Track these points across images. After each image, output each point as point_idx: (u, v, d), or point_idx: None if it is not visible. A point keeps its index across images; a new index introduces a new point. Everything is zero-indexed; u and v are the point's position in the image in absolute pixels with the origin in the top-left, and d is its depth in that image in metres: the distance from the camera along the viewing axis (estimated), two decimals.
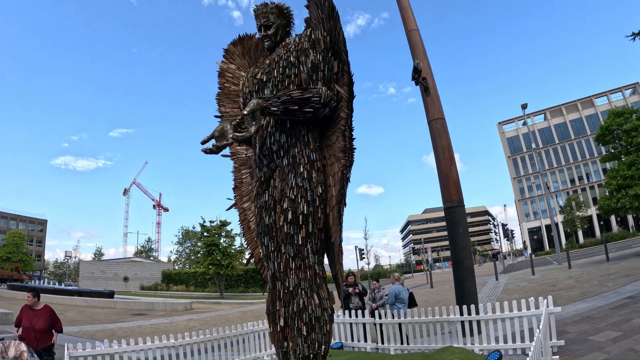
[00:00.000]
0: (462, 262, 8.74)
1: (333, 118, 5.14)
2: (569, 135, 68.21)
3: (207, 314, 18.60)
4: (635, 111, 19.96)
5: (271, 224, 4.94)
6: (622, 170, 18.73)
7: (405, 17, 10.66)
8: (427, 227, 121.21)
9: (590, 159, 65.77)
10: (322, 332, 4.72)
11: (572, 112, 68.82)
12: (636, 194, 17.72)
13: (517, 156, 71.87)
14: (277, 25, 5.49)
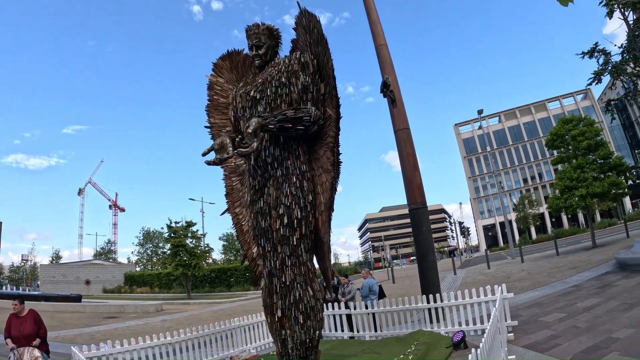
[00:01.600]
0: (426, 258, 9.59)
1: (320, 134, 5.89)
2: (522, 137, 71.45)
3: (180, 315, 18.77)
4: (582, 119, 21.71)
5: (267, 227, 5.56)
6: (570, 172, 20.42)
7: (374, 32, 11.29)
8: (385, 225, 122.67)
9: (542, 160, 69.28)
10: (316, 319, 5.48)
11: (526, 115, 72.21)
12: (582, 195, 19.40)
13: (473, 157, 74.40)
14: (267, 46, 6.08)
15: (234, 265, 34.59)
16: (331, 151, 5.68)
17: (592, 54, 14.33)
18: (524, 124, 71.87)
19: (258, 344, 8.82)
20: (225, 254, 45.03)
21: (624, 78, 13.72)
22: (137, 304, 22.19)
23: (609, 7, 12.98)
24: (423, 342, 6.60)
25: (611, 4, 12.92)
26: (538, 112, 71.32)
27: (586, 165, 20.18)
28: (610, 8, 13.00)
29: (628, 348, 4.94)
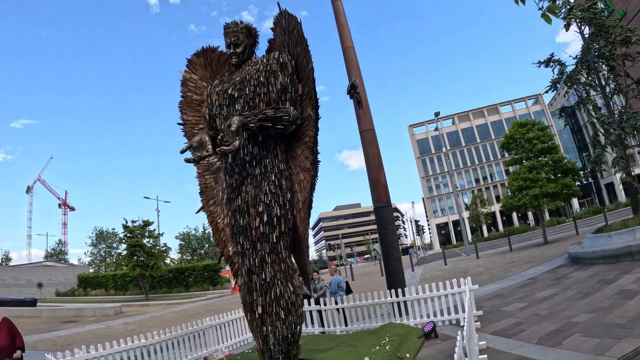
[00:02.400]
0: (392, 254, 9.85)
1: (298, 134, 6.00)
2: (474, 139, 74.12)
3: (141, 317, 18.27)
4: (536, 123, 23.06)
5: (245, 225, 5.62)
6: (524, 173, 21.53)
7: (342, 34, 11.47)
8: (339, 223, 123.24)
9: (494, 161, 72.14)
10: (297, 314, 5.60)
11: (479, 118, 74.95)
12: (535, 194, 20.51)
13: (426, 157, 76.29)
14: (245, 45, 6.15)
15: (192, 265, 33.97)
16: (310, 150, 5.79)
17: (548, 64, 15.23)
18: (477, 127, 74.47)
19: (231, 343, 8.80)
20: (182, 253, 44.05)
21: (577, 87, 14.61)
22: (96, 307, 21.44)
23: (567, 20, 13.86)
24: (396, 333, 6.84)
25: (569, 18, 13.79)
26: (491, 115, 74.18)
27: (540, 167, 21.29)
28: (568, 21, 13.89)
29: (588, 330, 5.37)
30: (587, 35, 14.23)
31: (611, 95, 13.91)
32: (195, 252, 42.44)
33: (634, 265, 9.10)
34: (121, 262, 31.99)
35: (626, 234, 10.93)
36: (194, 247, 42.74)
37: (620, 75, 13.59)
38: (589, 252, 11.12)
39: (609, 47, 13.37)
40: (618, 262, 10.03)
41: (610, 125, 13.01)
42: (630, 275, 8.21)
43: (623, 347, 4.46)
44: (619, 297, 6.73)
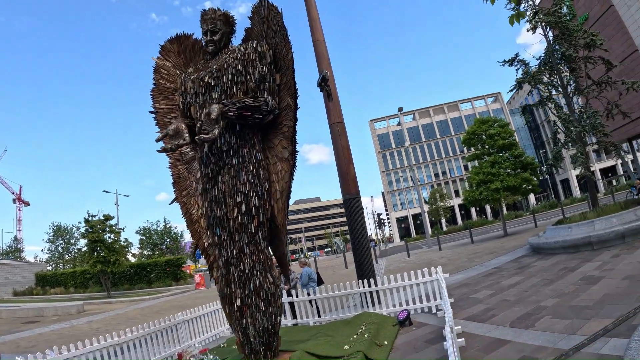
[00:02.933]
0: (361, 245, 9.92)
1: (275, 124, 5.95)
2: (434, 135, 75.67)
3: (105, 315, 17.65)
4: (497, 120, 23.89)
5: (223, 216, 5.54)
6: (486, 167, 22.26)
7: (313, 27, 11.41)
8: (298, 217, 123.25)
9: (453, 157, 73.91)
10: (277, 305, 5.56)
11: (439, 114, 76.57)
12: (496, 187, 21.25)
13: (387, 152, 77.07)
14: (222, 32, 6.06)
15: (154, 260, 33.03)
16: (288, 140, 5.76)
17: (512, 63, 15.83)
18: (437, 123, 76.05)
19: (204, 337, 8.65)
20: (142, 248, 42.83)
21: (539, 86, 15.20)
22: (57, 305, 20.48)
23: (532, 23, 14.41)
24: (371, 322, 6.90)
25: (535, 21, 14.33)
26: (451, 112, 75.99)
27: (501, 162, 22.03)
28: (534, 24, 14.41)
29: (557, 312, 5.63)
30: (552, 37, 14.84)
31: (572, 95, 14.54)
32: (156, 247, 41.33)
33: (593, 254, 9.58)
34: (82, 258, 30.66)
35: (585, 225, 11.47)
36: (155, 242, 41.62)
37: (581, 77, 14.26)
38: (551, 243, 11.62)
39: (572, 50, 13.97)
40: (578, 251, 10.52)
41: (571, 123, 13.61)
42: (592, 263, 8.63)
43: (593, 327, 4.70)
44: (583, 282, 7.06)
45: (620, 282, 6.44)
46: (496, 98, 74.36)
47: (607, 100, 14.19)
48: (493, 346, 4.91)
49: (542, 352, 4.36)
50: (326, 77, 10.71)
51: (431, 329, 6.45)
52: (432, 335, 6.07)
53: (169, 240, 41.81)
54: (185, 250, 43.48)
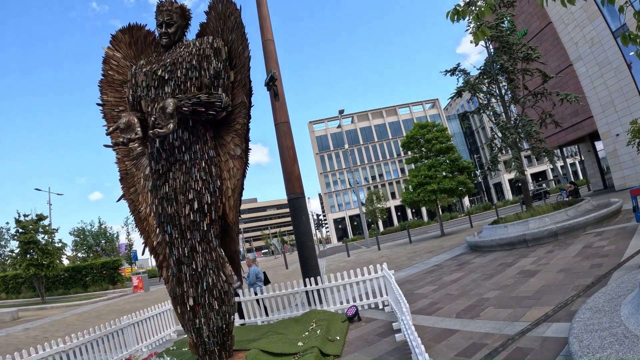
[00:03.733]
0: (306, 244, 9.98)
1: (228, 121, 5.90)
2: (372, 138, 77.65)
3: (41, 321, 16.49)
4: (436, 125, 24.86)
5: (174, 213, 5.43)
6: (424, 170, 23.17)
7: (263, 26, 11.34)
8: None
9: (390, 159, 76.29)
10: (230, 304, 5.51)
11: (377, 118, 78.71)
12: (433, 189, 22.15)
13: (325, 153, 78.17)
14: (178, 25, 5.93)
15: (90, 263, 31.10)
16: (241, 138, 5.74)
17: (454, 72, 16.61)
18: (375, 126, 78.12)
19: (151, 341, 8.33)
20: (76, 250, 40.38)
21: (479, 94, 16.11)
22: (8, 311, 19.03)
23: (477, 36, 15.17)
24: (321, 319, 7.00)
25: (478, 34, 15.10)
26: (389, 116, 78.36)
27: (438, 165, 23.02)
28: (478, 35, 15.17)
29: (499, 303, 6.00)
30: (492, 50, 15.82)
31: (509, 104, 15.54)
32: (91, 249, 39.03)
33: (528, 251, 10.28)
34: (13, 261, 28.32)
35: (520, 224, 12.30)
36: (90, 243, 39.33)
37: (518, 87, 15.32)
38: (488, 241, 12.33)
39: (511, 62, 14.92)
40: (514, 248, 11.26)
41: (508, 130, 14.55)
42: (527, 258, 9.25)
43: (534, 314, 5.06)
44: (521, 276, 7.56)
45: (556, 275, 6.95)
46: (434, 104, 77.70)
47: (542, 110, 15.34)
48: (443, 335, 5.15)
49: (489, 338, 4.65)
50: (274, 76, 10.74)
51: (380, 324, 6.64)
52: (382, 329, 6.26)
53: (105, 241, 39.68)
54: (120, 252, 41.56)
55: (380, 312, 7.57)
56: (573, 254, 8.47)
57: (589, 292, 5.43)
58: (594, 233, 10.42)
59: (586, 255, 7.95)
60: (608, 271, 6.28)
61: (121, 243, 42.28)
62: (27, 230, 25.23)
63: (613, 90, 22.22)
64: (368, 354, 5.25)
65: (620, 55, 21.56)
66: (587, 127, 25.61)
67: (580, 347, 3.31)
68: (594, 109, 23.47)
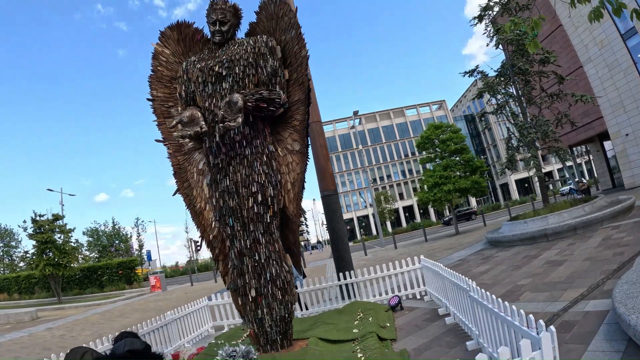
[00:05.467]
0: (341, 239, 10.29)
1: (284, 118, 6.11)
2: (380, 139, 78.00)
3: (62, 321, 16.46)
4: (450, 126, 25.34)
5: (236, 206, 5.62)
6: (439, 171, 23.58)
7: None
8: None
9: (397, 160, 76.77)
10: (292, 293, 5.72)
11: (385, 120, 78.94)
12: (449, 189, 22.56)
13: (333, 155, 77.90)
14: (231, 24, 6.11)
15: (106, 263, 31.29)
16: (299, 134, 5.92)
17: (472, 74, 17.31)
18: (383, 128, 78.40)
19: (191, 337, 8.48)
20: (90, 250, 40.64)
21: (498, 96, 16.57)
22: (8, 313, 19.06)
23: (498, 40, 15.82)
24: (367, 308, 7.23)
25: (499, 38, 15.67)
26: (396, 117, 78.75)
27: (453, 166, 23.41)
28: (498, 41, 15.80)
29: (535, 288, 6.34)
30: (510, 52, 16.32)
31: (527, 105, 15.95)
32: (105, 250, 39.31)
33: (550, 244, 10.61)
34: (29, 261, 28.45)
35: (540, 220, 12.64)
36: (104, 244, 39.63)
37: (534, 89, 15.74)
38: (509, 236, 12.68)
39: (528, 65, 15.40)
40: (535, 242, 11.60)
41: (526, 130, 14.94)
42: (551, 250, 9.57)
43: (570, 295, 5.42)
44: (548, 265, 7.88)
45: (582, 263, 7.27)
46: (440, 105, 78.11)
47: (558, 111, 15.75)
48: None
49: (536, 316, 4.98)
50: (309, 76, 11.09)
51: (424, 311, 6.93)
52: (428, 316, 6.55)
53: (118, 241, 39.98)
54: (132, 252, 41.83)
55: (419, 301, 7.86)
56: (594, 245, 8.80)
57: (616, 275, 5.78)
58: (610, 227, 10.75)
59: (607, 246, 8.28)
60: (631, 257, 6.61)
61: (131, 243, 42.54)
62: (44, 229, 25.35)
63: (622, 92, 22.56)
64: (423, 337, 5.55)
65: (629, 57, 21.91)
66: (597, 128, 25.93)
67: (626, 309, 3.80)
68: (604, 109, 23.80)
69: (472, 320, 4.93)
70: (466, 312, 5.21)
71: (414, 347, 5.22)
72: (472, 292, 4.64)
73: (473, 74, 17.04)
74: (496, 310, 3.82)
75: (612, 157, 27.35)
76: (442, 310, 6.56)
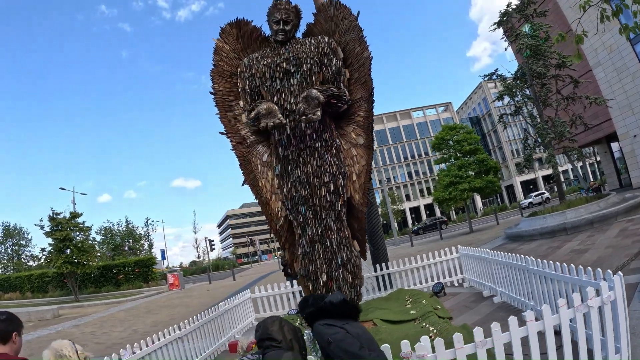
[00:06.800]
0: (377, 232, 10.80)
1: (348, 114, 6.47)
2: (387, 141, 78.25)
3: (87, 318, 16.83)
4: (463, 127, 26.06)
5: (308, 195, 6.00)
6: (454, 170, 24.22)
7: None
8: (246, 221, 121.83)
9: (404, 162, 77.24)
10: (360, 277, 6.13)
11: (392, 122, 79.36)
12: (464, 188, 23.20)
13: None
14: (293, 24, 6.40)
15: (122, 261, 31.38)
16: (362, 129, 6.32)
17: (491, 77, 18.25)
18: (390, 129, 78.91)
19: (239, 328, 8.83)
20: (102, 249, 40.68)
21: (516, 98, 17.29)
22: (30, 310, 19.31)
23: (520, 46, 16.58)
24: (413, 294, 7.65)
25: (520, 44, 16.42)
26: (403, 119, 79.28)
27: (467, 165, 24.05)
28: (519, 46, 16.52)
29: None
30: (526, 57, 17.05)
31: (543, 107, 16.61)
32: (118, 248, 39.59)
33: (570, 237, 11.24)
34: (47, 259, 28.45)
35: (558, 215, 13.27)
36: (117, 243, 39.95)
37: (550, 91, 16.40)
38: (530, 230, 13.32)
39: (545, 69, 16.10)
40: (555, 236, 12.24)
41: (545, 131, 15.58)
42: (572, 242, 10.17)
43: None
44: (574, 253, 8.45)
45: (605, 250, 7.86)
46: (447, 107, 78.73)
47: (572, 112, 16.40)
48: None
49: None
50: None
51: (468, 295, 7.42)
52: (473, 298, 7.05)
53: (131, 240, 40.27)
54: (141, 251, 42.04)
55: (459, 287, 8.39)
56: (613, 235, 9.38)
57: None
58: (625, 220, 11.36)
59: (625, 235, 8.86)
60: None
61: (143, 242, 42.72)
62: (62, 227, 25.42)
63: (630, 94, 23.23)
64: (476, 315, 6.07)
65: (637, 61, 22.59)
66: (605, 129, 26.54)
67: None
68: (613, 111, 24.40)
69: (525, 294, 5.48)
70: (518, 288, 5.75)
71: (470, 323, 5.63)
72: (531, 265, 5.19)
73: (492, 77, 17.75)
74: (561, 274, 4.43)
75: (619, 158, 27.98)
76: (486, 293, 7.07)
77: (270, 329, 2.62)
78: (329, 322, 2.71)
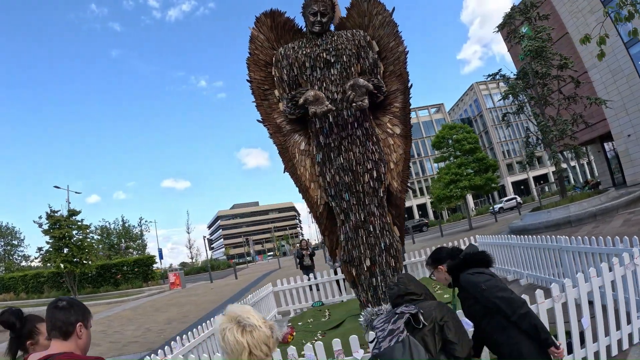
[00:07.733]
0: None
1: (384, 105, 6.66)
2: None
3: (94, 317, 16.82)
4: (463, 126, 26.57)
5: (351, 182, 6.14)
6: (454, 168, 24.71)
7: None
8: (237, 222, 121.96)
9: None
10: (401, 261, 6.32)
11: None
12: (464, 185, 23.70)
13: None
14: (329, 17, 6.50)
15: (121, 260, 30.72)
16: (398, 119, 6.53)
17: (494, 77, 18.94)
18: None
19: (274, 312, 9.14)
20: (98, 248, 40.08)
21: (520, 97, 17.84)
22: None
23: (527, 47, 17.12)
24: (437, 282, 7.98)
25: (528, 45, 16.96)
26: None
27: (467, 164, 24.57)
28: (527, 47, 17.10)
29: None
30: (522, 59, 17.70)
31: (545, 106, 17.14)
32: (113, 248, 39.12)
33: (576, 229, 11.71)
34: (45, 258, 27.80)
35: (562, 209, 13.82)
36: (113, 242, 39.52)
37: (552, 91, 16.95)
38: (535, 224, 13.83)
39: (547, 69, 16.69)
40: (559, 229, 12.72)
41: (548, 128, 16.10)
42: (579, 233, 10.54)
43: None
44: None
45: None
46: (439, 109, 79.54)
47: (573, 112, 16.96)
48: None
49: None
50: None
51: None
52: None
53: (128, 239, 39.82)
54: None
55: None
56: (618, 225, 9.79)
57: None
58: (626, 212, 11.88)
59: (630, 225, 9.28)
60: None
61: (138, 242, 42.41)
62: (61, 225, 24.81)
63: (625, 96, 23.96)
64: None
65: (631, 64, 23.36)
66: (600, 129, 27.27)
67: None
68: (607, 112, 25.09)
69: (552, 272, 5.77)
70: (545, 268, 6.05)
71: None
72: (564, 243, 5.51)
73: (495, 77, 18.32)
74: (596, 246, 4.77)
75: (612, 158, 28.78)
76: (510, 277, 7.37)
77: (408, 285, 2.74)
78: (479, 270, 2.84)
